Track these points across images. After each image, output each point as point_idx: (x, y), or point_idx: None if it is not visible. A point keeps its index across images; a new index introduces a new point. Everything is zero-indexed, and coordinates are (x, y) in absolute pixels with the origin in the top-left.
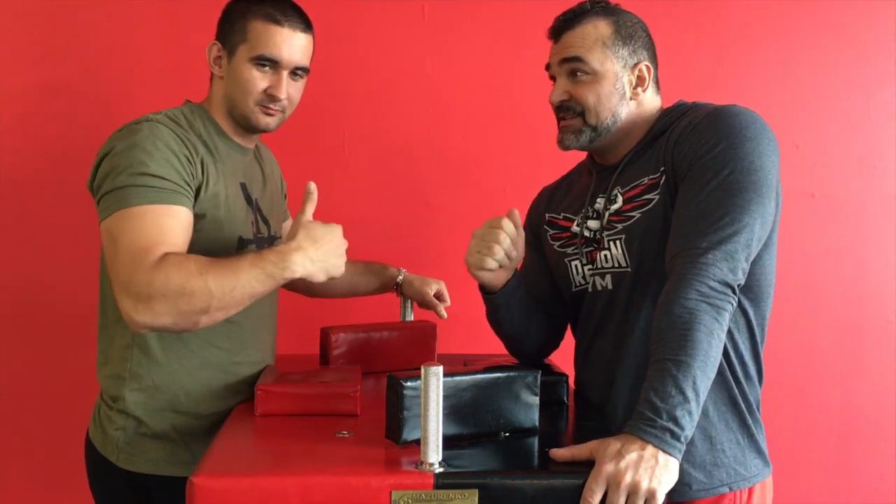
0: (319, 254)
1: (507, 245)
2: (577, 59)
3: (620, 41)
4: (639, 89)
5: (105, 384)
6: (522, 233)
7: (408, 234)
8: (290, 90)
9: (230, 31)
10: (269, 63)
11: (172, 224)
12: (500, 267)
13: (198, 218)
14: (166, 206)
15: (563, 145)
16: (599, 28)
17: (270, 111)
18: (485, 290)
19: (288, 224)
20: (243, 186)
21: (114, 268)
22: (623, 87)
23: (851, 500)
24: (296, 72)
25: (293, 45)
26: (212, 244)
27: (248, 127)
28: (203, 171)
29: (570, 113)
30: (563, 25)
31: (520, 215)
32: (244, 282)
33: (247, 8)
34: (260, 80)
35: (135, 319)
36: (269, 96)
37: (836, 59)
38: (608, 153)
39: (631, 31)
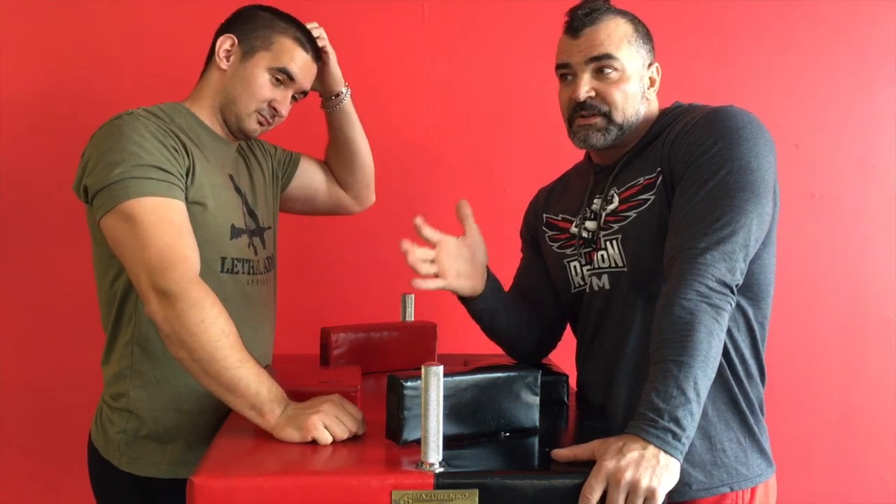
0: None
1: (430, 256)
2: (608, 57)
3: (640, 40)
4: (651, 90)
5: (109, 382)
6: (464, 239)
7: (408, 235)
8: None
9: (252, 33)
10: (286, 79)
11: (183, 222)
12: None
13: (191, 205)
14: (169, 199)
15: (588, 143)
16: (622, 26)
17: (264, 121)
18: (464, 299)
19: (307, 163)
20: (231, 178)
21: (138, 257)
22: (643, 87)
23: (851, 500)
24: (298, 95)
25: (308, 72)
26: (205, 231)
27: (236, 129)
28: (189, 158)
29: (594, 111)
30: (584, 21)
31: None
32: (232, 376)
33: (274, 21)
34: (269, 90)
35: (150, 307)
36: (271, 108)
37: (836, 59)
38: (608, 153)
39: (645, 31)
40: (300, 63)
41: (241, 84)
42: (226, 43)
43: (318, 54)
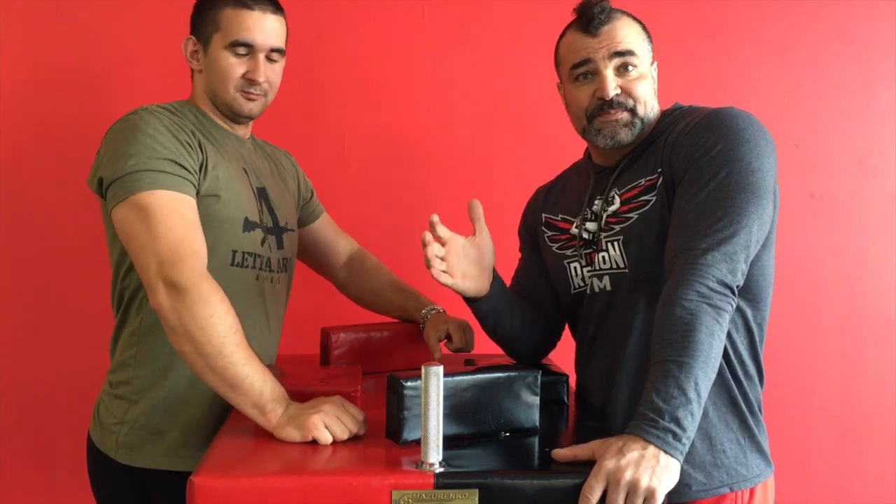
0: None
1: (442, 253)
2: (630, 53)
3: (648, 38)
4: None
5: (113, 369)
6: (472, 238)
7: (408, 234)
8: (269, 73)
9: (202, 23)
10: (245, 47)
11: (193, 217)
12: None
13: (204, 197)
14: (181, 194)
15: (617, 140)
16: (634, 24)
17: (252, 96)
18: (469, 300)
19: (324, 223)
20: (245, 172)
21: (149, 248)
22: (654, 84)
23: (851, 500)
24: (271, 55)
25: (265, 27)
26: (218, 222)
27: (232, 115)
28: (203, 153)
29: (620, 108)
30: (602, 19)
31: (440, 222)
32: (237, 373)
33: None
34: (237, 65)
35: (157, 299)
36: (249, 81)
37: (836, 59)
38: (612, 153)
39: (648, 31)
40: (250, 25)
41: (214, 74)
42: (188, 46)
43: (270, 2)
